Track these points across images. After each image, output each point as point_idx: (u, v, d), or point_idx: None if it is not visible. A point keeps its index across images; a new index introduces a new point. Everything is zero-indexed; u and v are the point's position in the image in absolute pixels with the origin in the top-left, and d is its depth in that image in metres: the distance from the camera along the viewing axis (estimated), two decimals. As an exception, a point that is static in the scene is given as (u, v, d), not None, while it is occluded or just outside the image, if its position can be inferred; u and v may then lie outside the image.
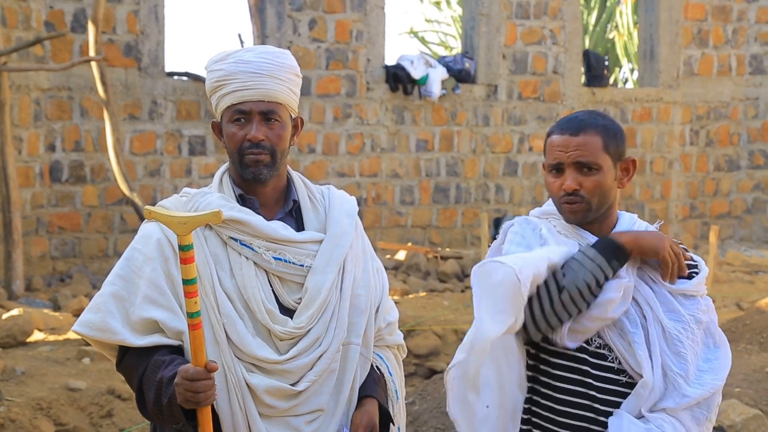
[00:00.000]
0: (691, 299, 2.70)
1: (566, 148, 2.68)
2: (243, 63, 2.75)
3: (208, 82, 2.80)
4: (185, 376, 2.54)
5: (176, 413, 2.60)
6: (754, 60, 12.66)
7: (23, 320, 7.04)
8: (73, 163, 9.95)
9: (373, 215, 11.05)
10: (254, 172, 2.74)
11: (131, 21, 10.10)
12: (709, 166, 12.58)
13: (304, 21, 10.77)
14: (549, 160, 2.72)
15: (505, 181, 11.70)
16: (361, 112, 11.03)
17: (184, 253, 2.54)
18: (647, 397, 2.62)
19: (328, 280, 2.74)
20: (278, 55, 2.80)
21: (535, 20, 11.65)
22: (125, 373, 2.75)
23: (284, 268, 2.72)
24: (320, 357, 2.72)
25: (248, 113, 2.74)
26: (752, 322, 7.39)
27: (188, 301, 2.54)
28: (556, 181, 2.70)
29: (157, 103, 10.26)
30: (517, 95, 11.66)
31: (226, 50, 2.83)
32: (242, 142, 2.74)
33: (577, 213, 2.69)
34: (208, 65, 2.82)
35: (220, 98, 2.77)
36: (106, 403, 5.92)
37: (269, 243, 2.72)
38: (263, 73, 2.75)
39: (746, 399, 6.07)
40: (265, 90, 2.75)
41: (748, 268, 11.02)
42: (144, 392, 2.67)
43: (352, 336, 2.78)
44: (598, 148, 2.68)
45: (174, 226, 2.55)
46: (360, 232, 2.89)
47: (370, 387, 2.80)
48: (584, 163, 2.67)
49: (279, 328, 2.69)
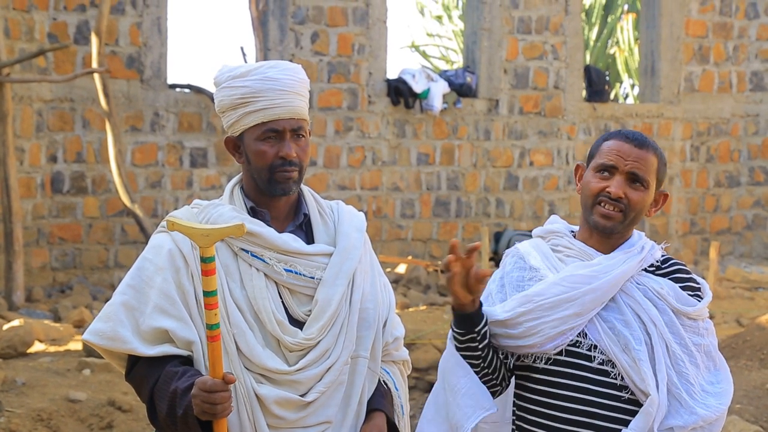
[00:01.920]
0: (692, 322, 2.70)
1: (627, 156, 2.69)
2: (270, 80, 2.76)
3: (227, 99, 2.77)
4: (203, 387, 2.55)
5: (191, 425, 2.60)
6: (755, 77, 12.69)
7: (24, 331, 7.03)
8: (74, 175, 9.96)
9: (374, 228, 11.06)
10: (284, 188, 2.76)
11: (134, 33, 10.13)
12: (710, 182, 12.60)
13: (306, 34, 10.80)
14: (601, 160, 2.71)
15: (506, 196, 11.71)
16: (362, 126, 11.05)
17: (205, 265, 2.56)
18: (655, 416, 2.61)
19: (338, 293, 2.75)
20: (298, 71, 2.84)
21: (536, 35, 11.68)
22: (135, 383, 2.76)
23: (295, 280, 2.73)
24: (329, 369, 2.73)
25: (280, 131, 2.75)
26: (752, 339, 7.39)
27: (208, 312, 2.56)
28: (600, 182, 2.70)
29: (159, 115, 10.28)
30: (518, 110, 11.68)
31: (238, 66, 2.82)
32: (273, 160, 2.75)
33: (611, 219, 2.69)
34: (223, 81, 2.80)
35: (244, 115, 2.76)
36: (106, 414, 5.92)
37: (280, 255, 2.73)
38: (290, 91, 2.78)
39: (746, 415, 6.06)
40: (293, 107, 2.77)
41: (748, 285, 11.02)
42: (155, 403, 2.68)
43: (360, 349, 2.80)
44: (653, 168, 2.72)
45: (196, 238, 2.57)
46: (368, 247, 2.91)
47: (378, 401, 2.81)
48: (638, 176, 2.69)
49: (289, 339, 2.70)
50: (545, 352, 2.69)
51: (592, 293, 2.66)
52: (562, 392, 2.68)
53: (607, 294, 2.67)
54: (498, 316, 2.72)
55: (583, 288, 2.66)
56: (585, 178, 2.75)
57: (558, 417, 2.68)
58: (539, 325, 2.67)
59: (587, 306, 2.66)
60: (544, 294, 2.69)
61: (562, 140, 11.87)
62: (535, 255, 2.78)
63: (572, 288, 2.67)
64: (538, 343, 2.68)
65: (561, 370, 2.69)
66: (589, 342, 2.68)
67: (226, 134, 2.85)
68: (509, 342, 2.71)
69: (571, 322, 2.67)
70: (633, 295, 2.69)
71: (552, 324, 2.67)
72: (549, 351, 2.69)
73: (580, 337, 2.68)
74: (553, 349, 2.69)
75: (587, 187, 2.72)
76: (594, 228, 2.72)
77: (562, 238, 2.78)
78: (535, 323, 2.68)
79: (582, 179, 2.78)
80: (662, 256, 2.78)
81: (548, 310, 2.67)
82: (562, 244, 2.77)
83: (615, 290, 2.68)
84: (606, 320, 2.68)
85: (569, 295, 2.66)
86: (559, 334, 2.67)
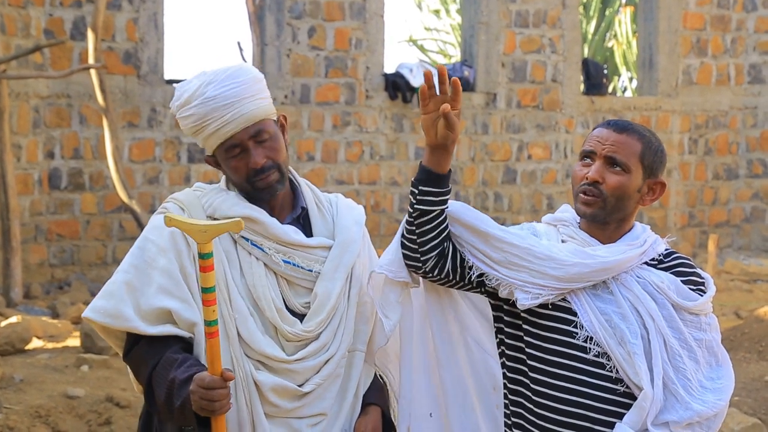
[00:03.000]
0: (693, 316, 2.68)
1: (604, 140, 2.69)
2: (210, 100, 2.71)
3: (186, 128, 2.78)
4: (201, 384, 2.55)
5: (188, 417, 2.60)
6: (753, 69, 12.68)
7: (21, 327, 7.03)
8: (71, 171, 9.94)
9: (372, 223, 11.05)
10: (269, 192, 2.77)
11: (130, 29, 10.11)
12: (708, 174, 12.59)
13: (303, 29, 10.78)
14: (582, 148, 2.74)
15: (504, 189, 11.70)
16: (360, 120, 11.04)
17: (204, 261, 2.55)
18: (649, 410, 2.60)
19: (337, 287, 2.75)
20: (236, 74, 2.76)
21: (534, 29, 11.67)
22: (133, 364, 2.75)
23: (293, 271, 2.74)
24: (327, 362, 2.74)
25: (240, 144, 2.73)
26: (751, 331, 7.39)
27: (206, 309, 2.55)
28: (582, 170, 2.71)
29: (156, 111, 10.27)
30: (516, 103, 11.67)
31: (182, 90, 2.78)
32: (247, 173, 2.74)
33: (590, 206, 2.69)
34: (176, 111, 2.79)
35: (204, 140, 2.77)
36: (104, 410, 5.91)
37: (279, 246, 2.74)
38: (234, 101, 2.72)
39: (745, 408, 6.06)
40: (243, 115, 2.72)
41: (746, 277, 11.03)
42: (154, 388, 2.67)
43: (357, 343, 2.80)
44: (634, 153, 2.69)
45: (194, 234, 2.56)
46: (366, 241, 2.91)
47: (374, 395, 2.82)
48: (615, 160, 2.67)
49: (288, 329, 2.71)
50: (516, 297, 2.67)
51: (578, 266, 2.64)
52: (556, 383, 2.67)
53: (595, 275, 2.65)
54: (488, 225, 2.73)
55: (573, 259, 2.66)
56: (573, 170, 2.77)
57: (553, 408, 2.67)
58: (521, 268, 2.67)
59: (570, 275, 2.64)
60: (537, 246, 2.70)
61: (560, 134, 11.86)
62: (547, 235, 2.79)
63: (561, 253, 2.68)
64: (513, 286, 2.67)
65: (556, 360, 2.67)
66: (585, 334, 2.66)
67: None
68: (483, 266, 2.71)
69: (550, 282, 2.65)
70: (632, 288, 2.67)
71: (532, 274, 2.66)
72: (519, 298, 2.67)
73: (576, 329, 2.67)
74: (523, 301, 2.66)
75: (573, 177, 2.75)
76: (582, 217, 2.74)
77: (568, 227, 2.78)
78: (517, 261, 2.67)
79: None
80: (665, 250, 2.76)
81: (536, 258, 2.66)
82: (568, 233, 2.77)
83: (604, 275, 2.66)
84: (603, 312, 2.66)
85: (559, 258, 2.66)
86: (535, 285, 2.65)
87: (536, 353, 2.69)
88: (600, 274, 2.66)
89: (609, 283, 2.68)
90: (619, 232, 2.73)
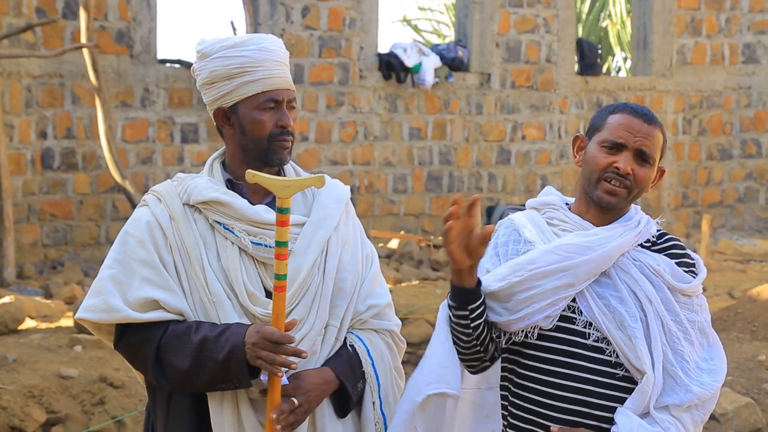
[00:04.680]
0: (687, 298, 2.67)
1: (636, 131, 2.65)
2: (267, 51, 2.79)
3: (222, 68, 2.76)
4: (270, 338, 2.58)
5: (234, 368, 2.61)
6: (747, 49, 12.67)
7: (14, 308, 7.02)
8: (64, 151, 9.91)
9: (366, 203, 11.04)
10: (281, 158, 2.79)
11: (123, 8, 10.05)
12: (702, 155, 12.59)
13: (296, 8, 10.74)
14: (609, 136, 2.65)
15: (498, 170, 11.69)
16: (353, 101, 11.01)
17: (281, 215, 2.63)
18: (651, 393, 2.60)
19: (308, 262, 2.75)
20: (283, 45, 2.87)
21: (528, 8, 11.63)
22: (129, 348, 2.75)
23: (264, 252, 2.73)
24: (302, 339, 2.72)
25: (279, 101, 2.78)
26: (744, 311, 7.41)
27: (278, 263, 2.61)
28: (607, 158, 2.65)
29: (149, 91, 10.23)
30: (510, 84, 11.64)
31: (228, 37, 2.82)
32: (272, 129, 2.77)
33: (615, 195, 2.65)
34: (215, 51, 2.78)
35: (241, 85, 2.76)
36: (98, 390, 5.91)
37: (250, 227, 2.74)
38: (284, 62, 2.82)
39: (738, 387, 6.08)
40: (288, 79, 2.82)
41: (739, 257, 11.05)
42: (167, 360, 2.67)
43: (331, 318, 2.79)
44: (659, 145, 2.68)
45: (277, 189, 2.64)
46: (351, 217, 2.89)
47: (330, 361, 2.78)
48: (645, 153, 2.65)
49: (259, 311, 2.70)
50: (536, 323, 2.66)
51: (586, 264, 2.62)
52: (556, 369, 2.65)
53: (601, 266, 2.64)
54: (490, 286, 2.68)
55: (577, 258, 2.62)
56: (590, 152, 2.68)
57: (551, 394, 2.65)
58: (532, 297, 2.64)
59: (580, 277, 2.62)
60: (536, 262, 2.65)
61: (554, 114, 11.84)
62: (530, 228, 2.74)
63: (566, 258, 2.63)
64: (529, 314, 2.65)
65: (555, 347, 2.66)
66: (584, 319, 2.64)
67: (213, 107, 2.83)
68: (500, 318, 2.68)
69: (563, 292, 2.63)
70: (629, 272, 2.65)
71: (544, 294, 2.63)
72: (539, 322, 2.66)
73: (575, 314, 2.65)
74: (543, 321, 2.65)
75: (593, 161, 2.66)
76: (597, 203, 2.67)
77: (557, 211, 2.74)
78: (527, 294, 2.64)
79: (583, 151, 2.72)
80: (657, 231, 2.75)
81: (541, 279, 2.63)
82: (557, 217, 2.73)
83: (609, 263, 2.64)
84: (601, 297, 2.64)
85: (563, 265, 2.63)
86: (549, 304, 2.64)
87: (535, 341, 2.68)
88: (607, 263, 2.64)
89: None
90: (617, 215, 2.72)
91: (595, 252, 2.63)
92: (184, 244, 2.73)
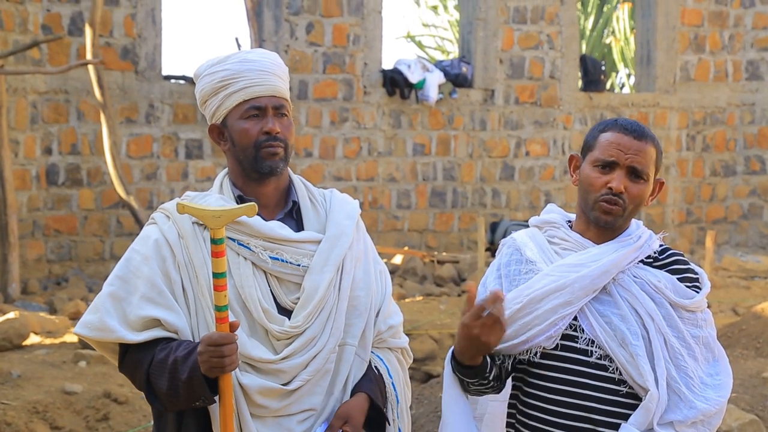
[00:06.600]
0: (690, 314, 2.68)
1: (626, 149, 2.65)
2: (248, 62, 2.78)
3: (209, 84, 2.78)
4: (210, 342, 2.56)
5: (197, 386, 2.60)
6: (751, 66, 12.69)
7: (19, 323, 7.03)
8: (69, 167, 9.94)
9: (370, 219, 11.05)
10: (271, 165, 2.75)
11: (128, 24, 10.10)
12: (706, 171, 12.60)
13: (301, 25, 10.78)
14: (600, 155, 2.66)
15: (502, 186, 11.70)
16: (358, 116, 11.03)
17: (216, 246, 2.58)
18: (655, 410, 2.60)
19: (325, 280, 2.73)
20: (276, 57, 2.86)
21: (532, 25, 11.66)
22: (128, 371, 2.75)
23: (281, 267, 2.72)
24: (315, 357, 2.71)
25: (263, 108, 2.76)
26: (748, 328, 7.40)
27: (217, 294, 2.57)
28: (601, 177, 2.65)
29: (154, 107, 10.26)
30: (514, 100, 11.67)
31: (222, 54, 2.84)
32: (258, 136, 2.75)
33: (611, 215, 2.65)
34: (204, 70, 2.81)
35: (225, 98, 2.77)
36: (102, 406, 5.91)
37: (266, 242, 2.72)
38: (269, 71, 2.79)
39: (742, 404, 6.07)
40: (273, 86, 2.78)
41: (744, 274, 11.04)
42: (154, 383, 2.67)
43: (347, 337, 2.78)
44: (652, 160, 2.67)
45: (207, 220, 2.59)
46: (362, 234, 2.89)
47: (364, 385, 2.78)
48: (637, 170, 2.65)
49: (276, 328, 2.69)
50: (539, 344, 2.67)
51: (581, 280, 2.63)
52: (560, 387, 2.66)
53: (597, 281, 2.64)
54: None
55: (571, 276, 2.64)
56: (584, 172, 2.69)
57: (556, 411, 2.66)
58: (532, 320, 2.65)
59: (577, 294, 2.63)
60: (532, 287, 2.67)
61: (557, 130, 11.86)
62: (532, 247, 2.74)
63: (561, 277, 2.65)
64: (532, 336, 2.66)
65: (559, 365, 2.66)
66: (587, 337, 2.65)
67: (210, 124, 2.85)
68: (504, 344, 2.68)
69: (561, 311, 2.64)
70: (630, 289, 2.66)
71: (544, 315, 2.64)
72: (542, 343, 2.67)
73: (577, 332, 2.66)
74: (545, 341, 2.66)
75: (587, 182, 2.67)
76: (595, 223, 2.69)
77: (558, 230, 2.75)
78: (527, 319, 2.65)
79: (578, 171, 2.73)
80: (660, 246, 2.75)
81: (539, 302, 2.65)
82: (558, 235, 2.74)
83: (606, 278, 2.65)
84: (603, 315, 2.65)
85: (558, 284, 2.64)
86: (550, 324, 2.65)
87: (538, 360, 2.69)
88: (603, 278, 2.64)
89: (607, 285, 2.66)
90: (618, 232, 2.72)
91: (589, 268, 2.64)
92: (192, 262, 2.72)
